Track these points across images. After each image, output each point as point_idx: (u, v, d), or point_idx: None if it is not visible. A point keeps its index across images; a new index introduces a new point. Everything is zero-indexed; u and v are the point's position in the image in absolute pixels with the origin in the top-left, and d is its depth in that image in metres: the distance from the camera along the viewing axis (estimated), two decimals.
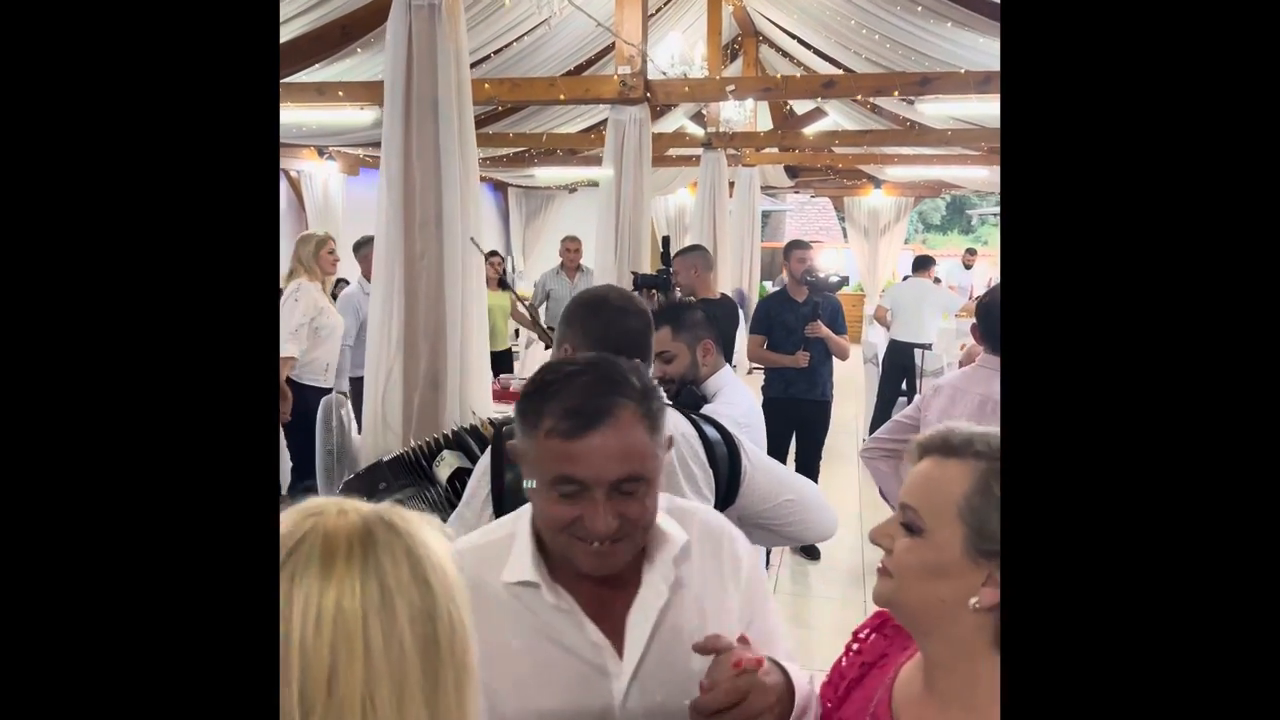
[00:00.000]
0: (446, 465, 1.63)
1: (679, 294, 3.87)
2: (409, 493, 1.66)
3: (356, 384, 4.37)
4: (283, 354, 4.21)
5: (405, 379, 2.81)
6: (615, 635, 1.07)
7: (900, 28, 5.76)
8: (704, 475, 1.56)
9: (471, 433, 1.79)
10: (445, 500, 1.59)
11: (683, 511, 1.15)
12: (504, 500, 1.40)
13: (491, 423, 1.73)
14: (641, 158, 5.17)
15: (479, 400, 2.85)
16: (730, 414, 1.85)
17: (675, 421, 1.65)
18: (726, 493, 1.58)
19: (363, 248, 4.77)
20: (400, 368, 2.82)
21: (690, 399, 2.09)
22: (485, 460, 1.47)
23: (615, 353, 1.55)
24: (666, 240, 3.97)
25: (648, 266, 4.98)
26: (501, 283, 6.88)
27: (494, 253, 7.26)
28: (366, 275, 4.57)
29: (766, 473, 1.65)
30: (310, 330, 4.34)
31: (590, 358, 1.10)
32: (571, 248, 6.63)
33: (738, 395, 2.19)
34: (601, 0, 5.40)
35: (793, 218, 21.06)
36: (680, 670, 1.05)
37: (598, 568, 1.03)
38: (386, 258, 2.80)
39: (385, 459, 1.78)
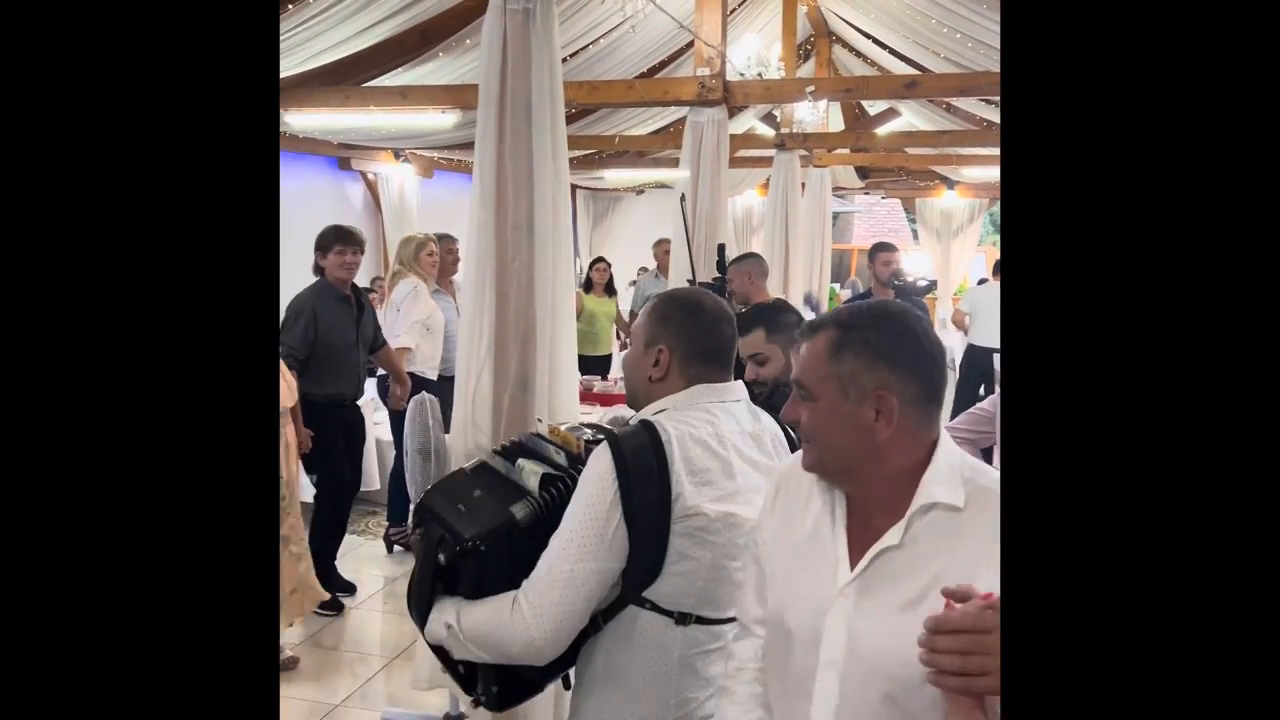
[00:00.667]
0: (531, 473, 1.58)
1: (734, 302, 3.88)
2: (504, 497, 1.62)
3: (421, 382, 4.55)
4: (400, 344, 4.43)
5: (495, 379, 2.83)
6: (855, 555, 1.17)
7: (986, 27, 5.63)
8: None
9: (535, 439, 1.72)
10: (546, 505, 1.57)
11: (971, 475, 1.18)
12: (633, 498, 1.41)
13: (569, 428, 1.69)
14: (719, 159, 5.14)
15: (567, 401, 2.86)
16: None
17: (769, 426, 1.64)
18: None
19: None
20: (490, 369, 2.84)
21: (783, 401, 2.07)
22: (606, 464, 1.45)
23: (713, 355, 1.56)
24: (722, 248, 4.00)
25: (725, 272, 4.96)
26: (608, 288, 6.94)
27: (600, 259, 7.33)
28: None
29: None
30: (422, 326, 4.56)
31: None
32: (666, 249, 6.71)
33: None
34: (678, 1, 5.39)
35: (861, 219, 20.78)
36: (887, 615, 1.12)
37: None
38: (478, 260, 2.82)
39: (467, 468, 1.75)
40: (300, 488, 3.96)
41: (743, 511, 1.47)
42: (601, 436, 1.52)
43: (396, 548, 4.92)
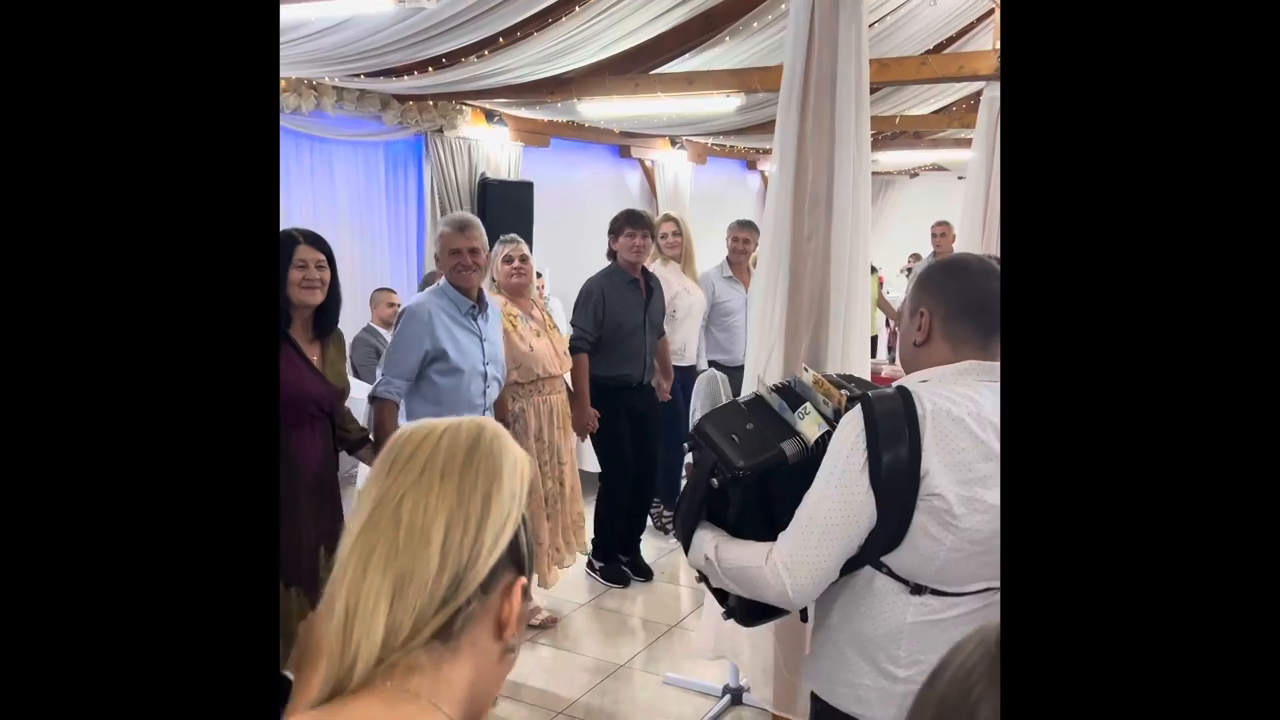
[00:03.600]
0: (813, 422, 1.60)
1: None
2: (776, 433, 1.63)
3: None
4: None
5: (785, 359, 2.82)
6: None
7: None
8: None
9: (804, 386, 1.73)
10: (815, 449, 1.57)
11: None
12: (881, 463, 1.41)
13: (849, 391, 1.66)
14: None
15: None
16: None
17: None
18: None
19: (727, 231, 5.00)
20: (781, 349, 2.83)
21: None
22: (857, 427, 1.44)
23: (977, 313, 1.51)
24: None
25: None
26: (871, 268, 6.78)
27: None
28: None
29: None
30: (670, 311, 4.55)
31: None
32: (938, 232, 6.54)
33: None
34: None
35: None
36: None
37: None
38: (774, 238, 2.82)
39: (742, 400, 1.77)
40: (580, 458, 4.24)
41: (992, 496, 1.41)
42: (859, 395, 1.53)
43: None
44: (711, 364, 4.74)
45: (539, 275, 6.76)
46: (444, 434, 0.81)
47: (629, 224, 4.20)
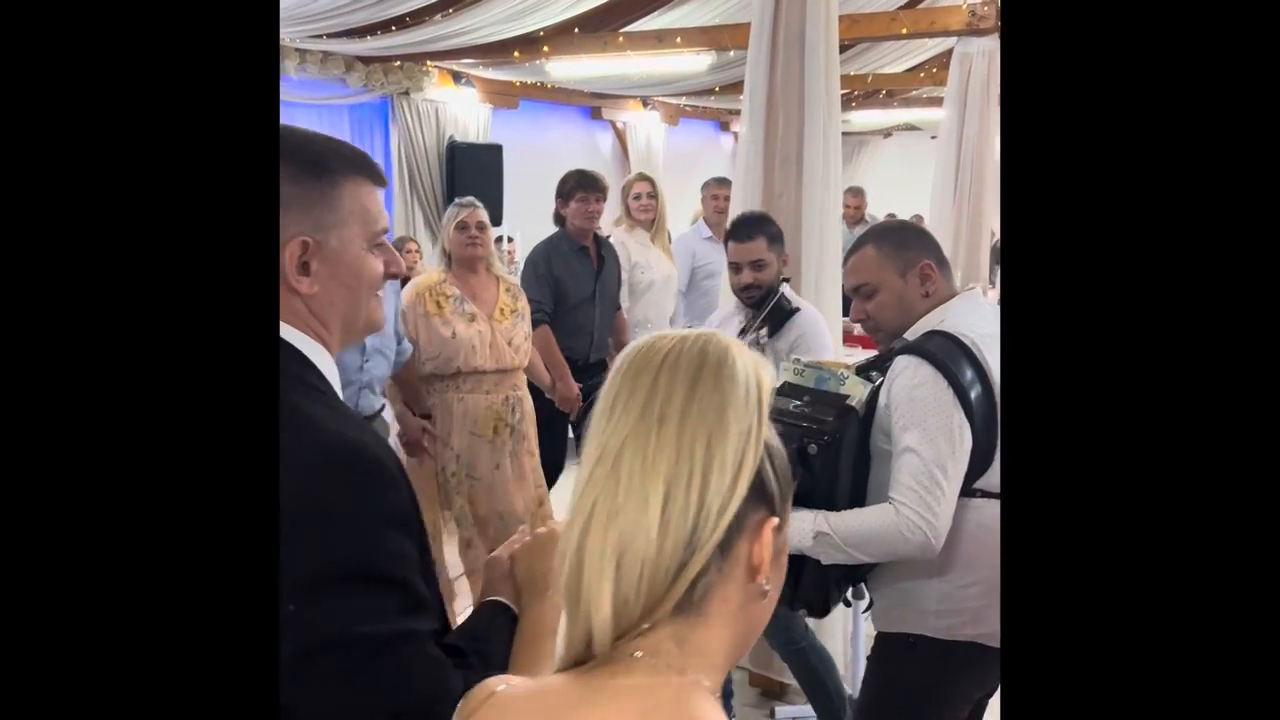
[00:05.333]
0: (856, 383, 1.68)
1: None
2: (830, 401, 1.71)
3: None
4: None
5: None
6: None
7: None
8: None
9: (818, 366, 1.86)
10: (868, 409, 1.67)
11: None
12: (965, 395, 1.55)
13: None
14: (989, 95, 4.80)
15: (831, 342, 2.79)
16: None
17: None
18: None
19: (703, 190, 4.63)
20: None
21: (773, 304, 2.42)
22: (928, 371, 1.56)
23: (949, 264, 1.73)
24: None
25: (994, 216, 4.64)
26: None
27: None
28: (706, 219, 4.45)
29: None
30: (628, 285, 3.97)
31: None
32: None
33: None
34: None
35: None
36: None
37: None
38: (745, 196, 2.79)
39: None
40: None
41: None
42: (863, 367, 1.74)
43: None
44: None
45: (510, 240, 6.70)
46: (663, 362, 0.68)
47: (581, 187, 3.69)
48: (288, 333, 0.89)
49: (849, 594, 1.80)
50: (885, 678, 1.74)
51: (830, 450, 1.61)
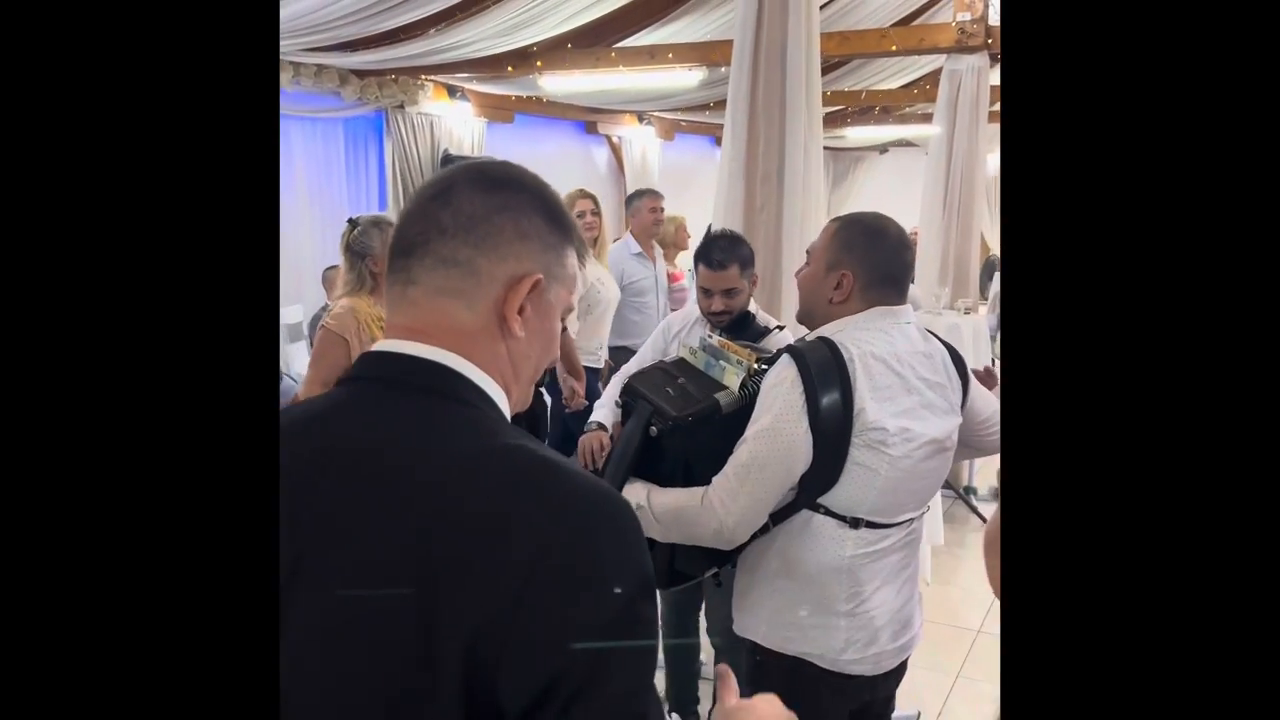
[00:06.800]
0: (733, 374, 1.71)
1: None
2: (707, 387, 1.75)
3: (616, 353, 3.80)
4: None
5: None
6: None
7: None
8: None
9: (720, 348, 1.88)
10: (745, 400, 1.68)
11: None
12: (818, 406, 1.50)
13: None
14: (978, 111, 4.83)
15: None
16: None
17: (938, 348, 1.68)
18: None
19: (633, 202, 4.35)
20: None
21: (748, 330, 2.34)
22: (792, 373, 1.54)
23: (894, 282, 1.61)
24: None
25: (986, 228, 4.65)
26: None
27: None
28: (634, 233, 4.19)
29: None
30: (582, 307, 3.73)
31: None
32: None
33: None
34: None
35: None
36: None
37: None
38: (726, 210, 2.80)
39: (667, 362, 1.92)
40: None
41: (918, 427, 1.56)
42: (768, 359, 1.68)
43: None
44: (616, 351, 3.90)
45: None
46: None
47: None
48: (483, 380, 0.81)
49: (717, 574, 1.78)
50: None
51: (674, 435, 1.65)
